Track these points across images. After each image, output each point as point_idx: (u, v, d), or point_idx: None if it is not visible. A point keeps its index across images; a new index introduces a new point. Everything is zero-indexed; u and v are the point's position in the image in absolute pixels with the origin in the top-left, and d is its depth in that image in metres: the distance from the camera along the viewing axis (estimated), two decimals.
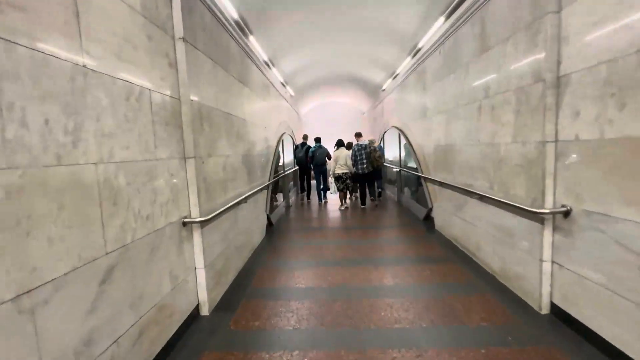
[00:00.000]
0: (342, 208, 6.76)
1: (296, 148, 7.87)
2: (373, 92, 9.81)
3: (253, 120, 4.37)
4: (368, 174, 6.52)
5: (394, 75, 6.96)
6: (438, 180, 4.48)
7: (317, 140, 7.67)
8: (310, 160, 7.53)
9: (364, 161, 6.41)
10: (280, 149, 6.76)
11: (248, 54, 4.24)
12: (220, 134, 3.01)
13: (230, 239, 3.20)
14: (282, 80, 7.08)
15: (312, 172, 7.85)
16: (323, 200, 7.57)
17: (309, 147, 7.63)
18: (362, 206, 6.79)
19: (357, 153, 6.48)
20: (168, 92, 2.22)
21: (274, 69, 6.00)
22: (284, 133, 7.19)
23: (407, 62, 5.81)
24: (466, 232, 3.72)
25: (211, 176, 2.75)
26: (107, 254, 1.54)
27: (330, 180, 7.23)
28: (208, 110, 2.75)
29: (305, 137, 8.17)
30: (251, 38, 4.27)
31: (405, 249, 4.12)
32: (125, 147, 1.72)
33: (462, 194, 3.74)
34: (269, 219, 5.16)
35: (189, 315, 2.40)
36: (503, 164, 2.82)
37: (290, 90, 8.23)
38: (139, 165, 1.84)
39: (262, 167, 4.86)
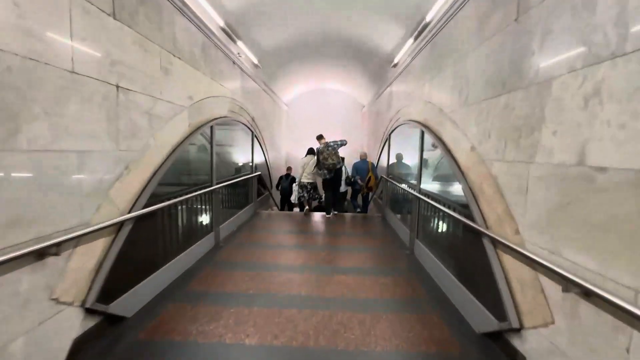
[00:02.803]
0: (305, 212, 6.44)
1: (280, 179, 8.39)
2: (377, 73, 6.76)
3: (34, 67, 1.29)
4: (334, 179, 6.11)
5: (420, 27, 3.89)
6: (566, 275, 1.43)
7: None
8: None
9: (328, 160, 5.82)
10: (209, 144, 3.74)
11: None
12: None
13: None
14: (222, 25, 4.00)
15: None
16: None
17: (293, 178, 8.08)
18: (328, 215, 6.24)
19: (326, 150, 5.80)
20: None
21: None
22: (217, 118, 4.09)
23: None
24: None
25: None
26: None
27: (295, 187, 7.10)
28: None
29: (289, 169, 8.63)
30: None
31: None
32: None
33: None
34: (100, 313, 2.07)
35: None
36: None
37: (248, 53, 5.14)
38: None
39: (84, 187, 1.79)
